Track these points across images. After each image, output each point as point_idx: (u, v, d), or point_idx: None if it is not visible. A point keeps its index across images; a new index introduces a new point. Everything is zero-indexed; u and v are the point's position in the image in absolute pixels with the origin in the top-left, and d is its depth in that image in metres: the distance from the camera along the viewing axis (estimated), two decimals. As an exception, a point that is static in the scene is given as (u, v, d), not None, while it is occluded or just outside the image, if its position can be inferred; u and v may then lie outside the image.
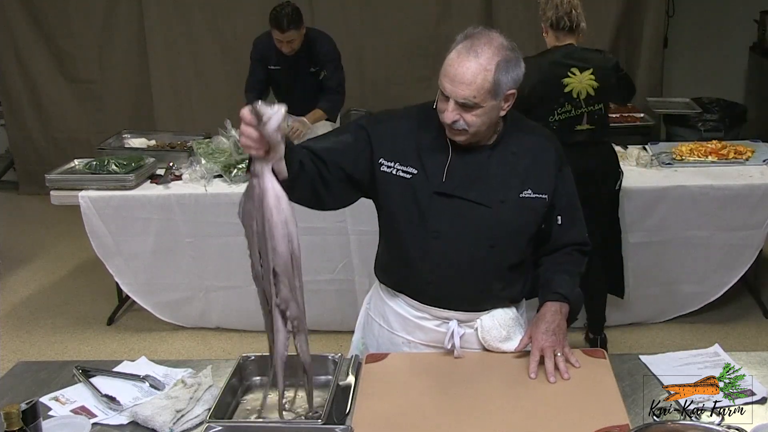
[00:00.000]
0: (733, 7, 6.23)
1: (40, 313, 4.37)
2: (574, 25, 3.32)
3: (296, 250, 1.64)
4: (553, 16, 3.32)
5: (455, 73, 1.82)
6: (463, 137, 1.90)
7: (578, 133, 3.36)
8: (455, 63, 1.82)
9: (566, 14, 3.31)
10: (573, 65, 3.32)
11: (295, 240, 1.63)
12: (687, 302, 3.94)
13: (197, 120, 5.74)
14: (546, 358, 1.92)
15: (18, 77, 6.11)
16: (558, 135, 3.31)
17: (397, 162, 1.95)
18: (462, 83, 1.81)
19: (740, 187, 3.72)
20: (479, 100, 1.82)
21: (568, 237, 2.09)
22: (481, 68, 1.81)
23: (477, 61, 1.81)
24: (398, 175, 1.95)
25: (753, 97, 6.21)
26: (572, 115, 3.34)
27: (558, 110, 3.33)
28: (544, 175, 2.00)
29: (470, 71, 1.80)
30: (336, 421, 1.76)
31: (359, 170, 1.97)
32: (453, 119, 1.85)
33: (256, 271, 1.71)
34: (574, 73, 3.32)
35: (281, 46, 4.24)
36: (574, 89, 3.32)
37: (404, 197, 1.96)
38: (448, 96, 1.84)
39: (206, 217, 3.80)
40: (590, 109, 3.35)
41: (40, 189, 4.98)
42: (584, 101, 3.33)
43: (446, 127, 1.90)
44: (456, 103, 1.83)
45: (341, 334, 3.89)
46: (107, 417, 1.85)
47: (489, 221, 1.94)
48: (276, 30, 4.16)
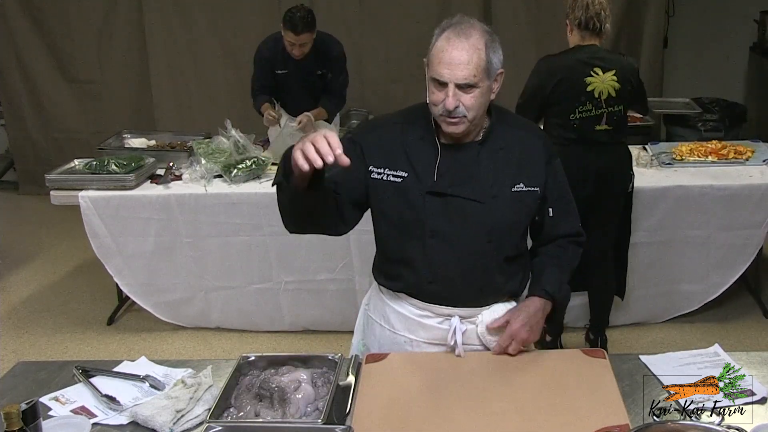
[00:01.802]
0: (733, 7, 6.23)
1: (40, 313, 4.37)
2: (602, 26, 3.32)
3: None
4: (582, 16, 3.30)
5: (451, 56, 1.85)
6: (461, 127, 1.91)
7: (597, 132, 3.36)
8: (448, 48, 1.86)
9: (596, 15, 3.29)
10: (597, 65, 3.31)
11: None
12: (687, 302, 3.94)
13: (197, 120, 5.75)
14: (511, 348, 1.97)
15: (18, 77, 6.11)
16: (578, 134, 3.34)
17: (386, 167, 1.97)
18: (460, 64, 1.84)
19: (740, 187, 3.72)
20: (477, 80, 1.86)
21: (561, 228, 2.11)
22: (474, 48, 1.86)
23: (468, 42, 1.86)
24: (389, 180, 1.97)
25: (753, 97, 6.21)
26: (592, 114, 3.33)
27: (579, 108, 3.32)
28: (534, 168, 2.01)
29: (465, 52, 1.85)
30: (336, 421, 1.76)
31: (362, 187, 1.99)
32: (454, 105, 1.86)
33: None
34: (597, 73, 3.31)
35: (292, 49, 4.20)
36: (596, 89, 3.31)
37: (397, 201, 1.97)
38: (446, 81, 1.86)
39: (206, 217, 3.80)
40: (610, 110, 3.34)
41: (40, 189, 4.98)
42: (605, 101, 3.32)
43: (442, 121, 1.91)
44: (455, 87, 1.86)
45: (341, 334, 3.89)
46: (107, 417, 1.85)
47: (484, 217, 1.95)
48: (290, 32, 4.11)
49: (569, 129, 3.34)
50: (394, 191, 1.97)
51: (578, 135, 3.34)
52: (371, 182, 1.98)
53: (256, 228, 3.79)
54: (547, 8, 5.41)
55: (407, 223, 1.97)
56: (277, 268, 3.88)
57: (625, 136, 3.52)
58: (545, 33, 5.39)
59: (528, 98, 3.37)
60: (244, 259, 3.88)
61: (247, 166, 3.87)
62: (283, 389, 1.82)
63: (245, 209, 3.77)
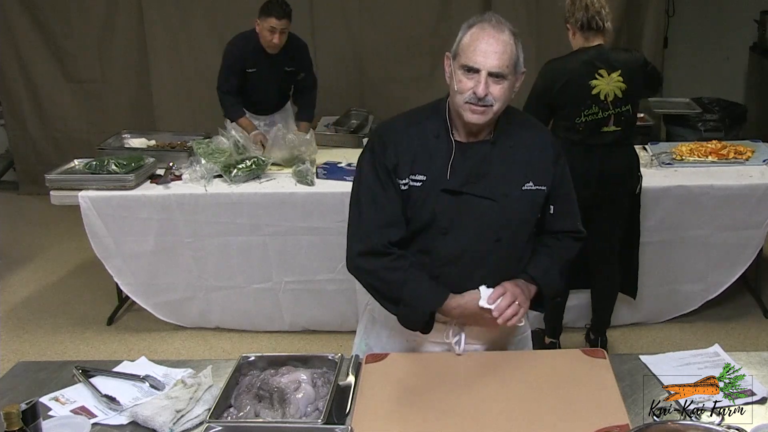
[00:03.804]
0: (733, 7, 6.24)
1: (40, 313, 4.37)
2: (604, 24, 3.29)
3: None
4: (583, 17, 3.26)
5: (487, 45, 1.88)
6: (485, 116, 1.92)
7: (605, 134, 3.33)
8: (483, 37, 1.89)
9: (597, 14, 3.26)
10: (601, 67, 3.27)
11: None
12: (687, 301, 3.94)
13: (197, 120, 5.74)
14: (504, 299, 1.92)
15: (18, 77, 6.10)
16: (584, 137, 3.32)
17: (408, 175, 1.98)
18: (495, 53, 1.88)
19: (740, 187, 3.72)
20: (508, 72, 1.90)
21: (559, 225, 2.11)
22: (507, 41, 1.91)
23: (502, 36, 1.90)
24: (411, 187, 1.98)
25: (753, 97, 6.21)
26: (599, 117, 3.30)
27: (585, 112, 3.29)
28: (543, 167, 2.02)
29: (500, 42, 1.89)
30: (336, 421, 1.76)
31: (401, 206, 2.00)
32: (485, 92, 1.88)
33: None
34: (602, 75, 3.27)
35: (272, 38, 4.23)
36: (602, 91, 3.28)
37: (418, 203, 1.98)
38: (480, 68, 1.88)
39: (206, 217, 3.79)
40: (617, 111, 3.31)
41: (40, 189, 4.98)
42: (611, 103, 3.29)
43: (467, 109, 1.91)
44: (487, 75, 1.88)
45: (341, 334, 3.89)
46: (107, 417, 1.86)
47: (495, 215, 1.96)
48: (273, 18, 4.17)
49: (575, 132, 3.31)
50: (417, 195, 1.97)
51: (584, 137, 3.32)
52: (402, 194, 1.99)
53: (256, 228, 3.79)
54: (547, 8, 5.40)
55: (421, 222, 1.98)
56: (277, 268, 3.88)
57: (633, 136, 3.49)
58: (545, 33, 5.38)
59: (535, 102, 3.34)
60: (244, 259, 3.88)
61: (247, 166, 3.87)
62: (283, 389, 1.82)
63: (245, 209, 3.77)
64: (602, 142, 3.34)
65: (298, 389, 1.83)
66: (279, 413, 1.79)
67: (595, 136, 3.33)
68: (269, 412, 1.80)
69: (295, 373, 1.89)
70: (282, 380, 1.85)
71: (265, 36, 4.25)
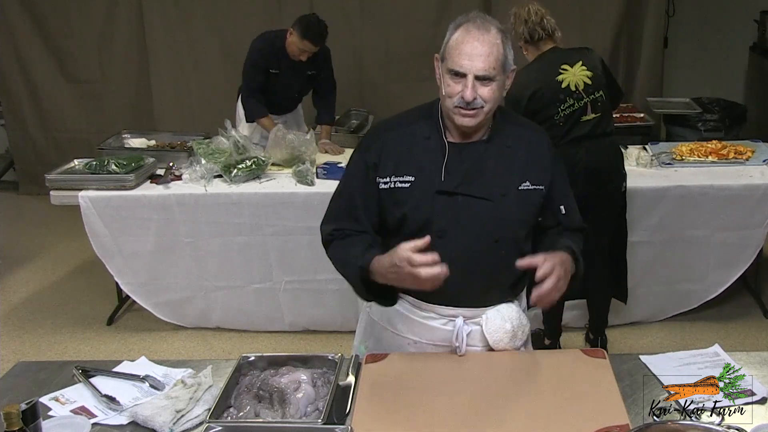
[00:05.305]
0: (733, 7, 6.23)
1: (40, 313, 4.37)
2: (549, 31, 3.37)
3: None
4: (525, 31, 3.36)
5: (472, 48, 1.87)
6: (476, 119, 1.91)
7: (585, 123, 3.36)
8: (468, 40, 1.88)
9: (537, 24, 3.35)
10: (563, 62, 3.35)
11: None
12: (686, 300, 3.95)
13: (197, 120, 5.74)
14: (551, 278, 1.84)
15: (18, 77, 6.11)
16: (566, 130, 3.33)
17: (392, 175, 1.97)
18: (480, 56, 1.87)
19: (740, 187, 3.72)
20: (496, 73, 1.89)
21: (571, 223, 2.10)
22: (493, 41, 1.89)
23: (488, 36, 1.89)
24: (397, 186, 1.97)
25: (753, 97, 6.21)
26: (576, 108, 3.34)
27: (561, 107, 3.33)
28: (539, 166, 2.02)
29: (486, 44, 1.87)
30: (336, 421, 1.76)
31: (376, 204, 2.00)
32: (473, 96, 1.87)
33: None
34: (566, 69, 3.34)
35: (300, 55, 4.27)
36: (571, 82, 3.33)
37: (406, 205, 1.97)
38: (466, 72, 1.87)
39: (206, 217, 3.80)
40: (592, 97, 3.36)
41: (40, 189, 4.97)
42: (584, 92, 3.34)
43: (456, 113, 1.91)
44: (474, 78, 1.87)
45: (341, 334, 3.89)
46: (107, 417, 1.85)
47: (492, 215, 1.96)
48: (308, 42, 4.20)
49: (556, 128, 3.33)
50: (403, 196, 1.97)
51: (566, 131, 3.35)
52: (381, 193, 1.99)
53: (256, 228, 3.79)
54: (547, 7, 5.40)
55: (415, 226, 1.97)
56: (277, 268, 3.88)
57: (612, 125, 3.52)
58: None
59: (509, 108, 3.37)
60: (244, 259, 3.88)
61: (247, 166, 3.87)
62: (283, 389, 1.82)
63: (245, 209, 3.77)
64: (584, 132, 3.36)
65: (298, 389, 1.83)
66: (279, 413, 1.79)
67: (577, 127, 3.35)
68: (269, 413, 1.80)
69: (295, 373, 1.89)
70: (282, 380, 1.85)
71: (294, 51, 4.28)
